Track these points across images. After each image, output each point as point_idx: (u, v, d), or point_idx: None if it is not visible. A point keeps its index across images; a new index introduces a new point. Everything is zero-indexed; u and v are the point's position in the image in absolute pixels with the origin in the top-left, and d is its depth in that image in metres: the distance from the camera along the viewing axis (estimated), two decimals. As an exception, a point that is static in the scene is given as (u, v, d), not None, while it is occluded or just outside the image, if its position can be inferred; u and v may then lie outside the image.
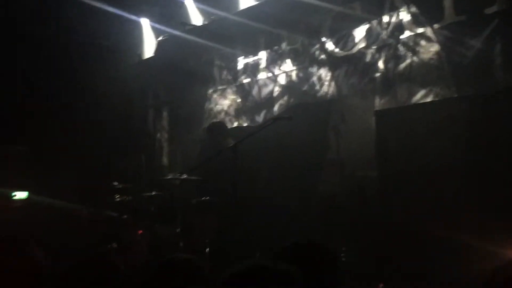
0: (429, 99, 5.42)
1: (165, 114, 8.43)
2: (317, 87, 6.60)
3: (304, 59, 6.81)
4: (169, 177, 5.93)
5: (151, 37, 8.63)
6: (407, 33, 5.74)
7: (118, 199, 5.97)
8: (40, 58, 7.04)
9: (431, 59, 5.52)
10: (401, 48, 5.82)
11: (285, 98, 6.99)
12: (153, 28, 8.53)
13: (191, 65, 8.07)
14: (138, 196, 5.93)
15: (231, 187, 4.68)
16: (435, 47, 5.46)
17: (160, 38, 8.52)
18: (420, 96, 5.51)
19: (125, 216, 5.75)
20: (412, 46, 5.70)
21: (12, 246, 1.85)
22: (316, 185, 6.15)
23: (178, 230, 5.33)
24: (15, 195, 6.10)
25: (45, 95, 7.00)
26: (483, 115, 4.44)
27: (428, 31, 5.52)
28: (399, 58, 5.82)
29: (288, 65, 7.01)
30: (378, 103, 5.75)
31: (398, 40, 5.84)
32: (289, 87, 6.96)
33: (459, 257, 4.17)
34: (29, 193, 6.10)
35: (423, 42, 5.61)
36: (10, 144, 6.35)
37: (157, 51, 8.51)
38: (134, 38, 8.56)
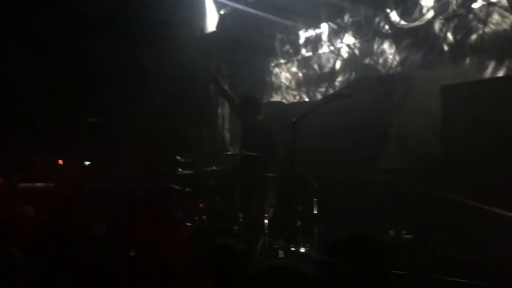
0: (501, 74, 5.12)
1: (226, 88, 8.48)
2: (381, 60, 6.39)
3: (367, 32, 6.60)
4: (230, 152, 5.99)
5: (213, 10, 8.66)
6: (479, 2, 5.41)
7: (180, 173, 6.13)
8: (104, 34, 7.23)
9: (505, 30, 5.19)
10: (472, 19, 5.50)
11: (347, 72, 6.84)
12: (215, 2, 8.55)
13: (252, 38, 8.04)
14: (199, 170, 6.06)
15: (290, 163, 4.69)
16: (510, 18, 5.12)
17: (222, 12, 8.53)
18: (492, 70, 5.21)
19: (188, 189, 5.91)
20: (485, 16, 5.37)
21: None
22: (379, 161, 6.02)
23: (237, 204, 5.41)
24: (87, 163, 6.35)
25: (109, 69, 7.20)
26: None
27: (503, 0, 5.16)
28: (469, 30, 5.51)
29: (350, 38, 6.82)
30: (446, 77, 5.48)
31: (470, 10, 5.52)
32: (351, 61, 6.79)
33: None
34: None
35: (496, 12, 5.27)
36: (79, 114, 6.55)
37: (219, 24, 8.54)
38: (196, 11, 8.61)
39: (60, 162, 6.43)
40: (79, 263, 4.31)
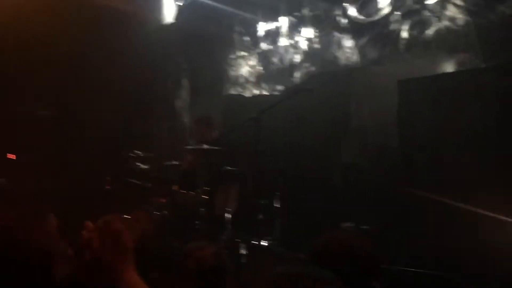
0: (455, 69, 5.29)
1: (185, 81, 8.39)
2: (339, 55, 6.48)
3: (326, 26, 6.67)
4: (191, 146, 5.94)
5: (170, 1, 8.51)
6: (434, -1, 5.56)
7: (140, 168, 6.02)
8: (55, 22, 6.95)
9: (458, 26, 5.36)
10: (427, 15, 5.65)
11: (306, 66, 6.89)
12: (173, -7, 8.41)
13: (211, 31, 7.97)
14: (160, 165, 5.98)
15: (253, 157, 4.69)
16: (463, 14, 5.29)
17: (179, 3, 8.40)
18: (446, 65, 5.38)
19: (148, 185, 5.82)
20: (439, 12, 5.53)
21: None
22: (338, 153, 6.12)
23: (199, 199, 5.38)
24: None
25: (62, 59, 6.96)
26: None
27: (456, -4, 5.34)
28: (424, 25, 5.66)
29: (309, 32, 6.87)
30: (402, 71, 5.62)
31: (424, 6, 5.66)
32: (310, 55, 6.85)
33: (475, 228, 4.11)
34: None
35: (450, 8, 5.44)
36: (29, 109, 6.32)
37: (177, 16, 8.41)
38: (153, 2, 8.44)
39: (12, 156, 6.20)
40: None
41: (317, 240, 1.82)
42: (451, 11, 5.45)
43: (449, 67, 5.39)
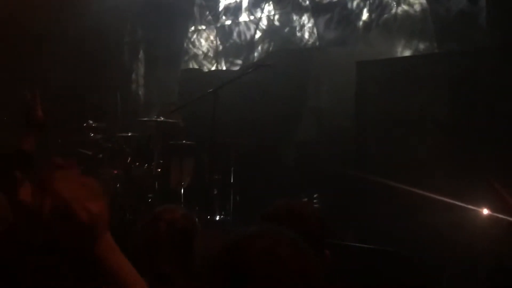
0: (411, 53, 5.42)
1: (142, 52, 8.20)
2: (299, 33, 6.50)
3: (287, 4, 6.65)
4: (146, 118, 5.84)
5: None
6: (394, -17, 5.65)
7: (92, 138, 5.86)
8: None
9: (416, 11, 5.47)
10: (386, -2, 5.73)
11: (266, 42, 6.88)
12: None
13: (170, 2, 7.78)
14: (113, 136, 5.84)
15: (210, 131, 4.67)
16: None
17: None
18: (402, 48, 5.50)
19: (100, 156, 5.68)
20: (398, -4, 5.62)
21: None
22: (294, 132, 6.18)
23: (154, 172, 5.32)
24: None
25: (17, 24, 6.66)
26: (465, 72, 4.45)
27: (416, -18, 5.44)
28: (384, 8, 5.75)
29: (270, 9, 6.84)
30: (360, 53, 5.70)
31: (384, -11, 5.74)
32: (270, 32, 6.83)
33: (425, 212, 4.27)
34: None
35: (409, -7, 5.54)
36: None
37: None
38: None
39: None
40: None
41: (267, 207, 1.85)
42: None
43: (405, 51, 5.51)
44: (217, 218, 5.27)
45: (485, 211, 3.27)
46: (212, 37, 7.56)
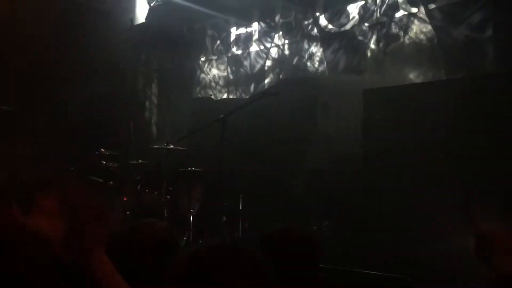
0: (418, 80, 5.45)
1: (155, 82, 8.38)
2: (308, 62, 6.59)
3: (296, 34, 6.78)
4: (156, 146, 5.92)
5: (144, 2, 8.50)
6: (401, 12, 5.72)
7: (104, 166, 5.96)
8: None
9: (422, 40, 5.53)
10: (394, 27, 5.80)
11: (276, 72, 6.98)
12: (146, -7, 8.40)
13: (183, 33, 7.98)
14: (124, 164, 5.93)
15: (218, 159, 4.70)
16: (427, 28, 5.46)
17: (153, 4, 8.39)
18: (410, 76, 5.53)
19: (111, 183, 5.76)
20: (405, 25, 5.69)
21: None
22: (304, 159, 6.20)
23: (163, 199, 5.36)
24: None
25: (34, 56, 6.87)
26: (472, 99, 4.45)
27: (422, 11, 5.50)
28: (391, 38, 5.81)
29: (280, 39, 6.97)
30: (368, 81, 5.75)
31: (392, 19, 5.82)
32: (280, 61, 6.94)
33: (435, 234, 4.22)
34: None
35: (416, 22, 5.60)
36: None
37: (150, 16, 8.39)
38: (126, 2, 8.42)
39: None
40: None
41: (265, 231, 1.89)
42: (417, 25, 5.61)
43: (413, 79, 5.54)
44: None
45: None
46: (223, 67, 7.70)
